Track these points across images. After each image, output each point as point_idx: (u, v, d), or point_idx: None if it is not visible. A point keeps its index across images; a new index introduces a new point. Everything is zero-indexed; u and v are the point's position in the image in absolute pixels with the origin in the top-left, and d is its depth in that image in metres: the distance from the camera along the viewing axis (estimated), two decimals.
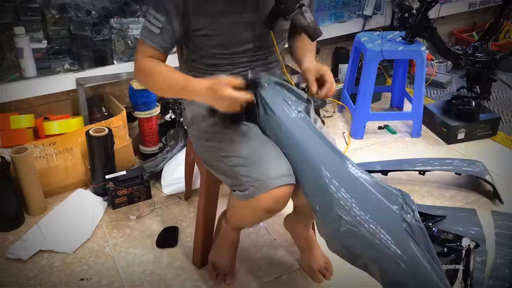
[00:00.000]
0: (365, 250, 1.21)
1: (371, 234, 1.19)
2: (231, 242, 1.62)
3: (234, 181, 1.35)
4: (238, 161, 1.34)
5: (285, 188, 1.29)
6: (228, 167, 1.36)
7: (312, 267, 1.65)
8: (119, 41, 2.27)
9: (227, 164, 1.36)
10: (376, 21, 3.02)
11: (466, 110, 2.51)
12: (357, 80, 2.68)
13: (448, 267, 1.61)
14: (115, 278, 1.66)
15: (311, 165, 1.29)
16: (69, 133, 2.06)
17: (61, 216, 1.93)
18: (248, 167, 1.32)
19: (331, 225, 1.24)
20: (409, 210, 1.25)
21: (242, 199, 1.33)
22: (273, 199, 1.28)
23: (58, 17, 2.15)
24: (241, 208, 1.44)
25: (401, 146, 2.51)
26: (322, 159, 1.29)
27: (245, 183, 1.31)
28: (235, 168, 1.34)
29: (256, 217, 1.44)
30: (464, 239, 1.75)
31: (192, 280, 1.65)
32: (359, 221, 1.20)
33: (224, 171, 1.39)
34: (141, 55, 1.41)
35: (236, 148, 1.36)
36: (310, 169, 1.29)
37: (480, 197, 2.09)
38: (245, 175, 1.31)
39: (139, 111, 2.20)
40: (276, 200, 1.29)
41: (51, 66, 2.20)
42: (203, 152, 1.49)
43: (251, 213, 1.39)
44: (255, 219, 1.49)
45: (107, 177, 1.99)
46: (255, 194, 1.28)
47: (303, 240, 1.65)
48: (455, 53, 2.60)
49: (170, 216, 1.97)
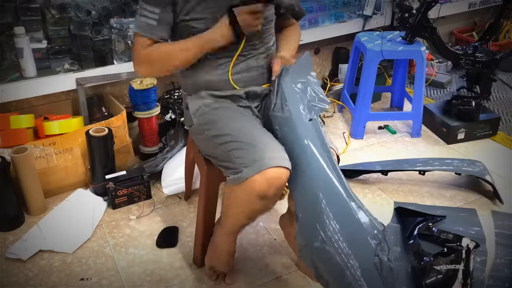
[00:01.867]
0: (331, 271, 1.22)
1: (341, 258, 1.20)
2: (226, 249, 1.58)
3: (230, 164, 1.35)
4: (234, 145, 1.35)
5: (279, 170, 1.27)
6: (225, 153, 1.37)
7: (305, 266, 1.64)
8: (119, 41, 2.27)
9: (223, 150, 1.37)
10: (376, 21, 3.02)
11: (466, 110, 2.51)
12: (357, 80, 2.68)
13: (448, 267, 1.61)
14: (115, 278, 1.66)
15: (307, 175, 1.29)
16: (69, 133, 2.06)
17: (61, 216, 1.93)
18: (244, 149, 1.32)
19: (307, 236, 1.25)
20: (385, 248, 1.24)
21: (236, 183, 1.32)
22: (267, 180, 1.27)
23: (58, 17, 2.15)
24: (234, 197, 1.39)
25: (401, 146, 2.51)
26: (319, 173, 1.29)
27: (240, 165, 1.31)
28: (231, 152, 1.35)
29: (249, 205, 1.36)
30: (464, 239, 1.75)
31: (192, 280, 1.65)
32: (333, 242, 1.21)
33: (221, 157, 1.39)
34: (140, 48, 1.42)
35: (233, 134, 1.37)
36: (305, 179, 1.29)
37: (480, 197, 2.09)
38: (240, 157, 1.31)
39: (139, 111, 2.20)
40: (269, 181, 1.27)
41: (51, 66, 2.20)
42: (204, 145, 1.50)
43: (245, 200, 1.35)
44: (247, 208, 1.38)
45: (107, 177, 1.99)
46: (249, 175, 1.28)
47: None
48: (455, 53, 2.60)
49: (170, 216, 1.97)
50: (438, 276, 1.58)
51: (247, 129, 1.39)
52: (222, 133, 1.40)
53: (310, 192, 1.27)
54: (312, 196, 1.26)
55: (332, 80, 3.06)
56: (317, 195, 1.26)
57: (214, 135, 1.43)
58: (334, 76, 3.10)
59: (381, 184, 2.17)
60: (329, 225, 1.22)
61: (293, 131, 1.35)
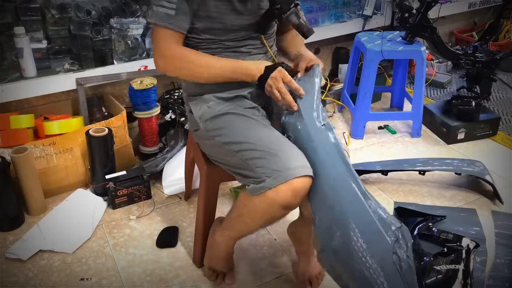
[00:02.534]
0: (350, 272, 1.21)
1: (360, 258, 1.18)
2: (225, 250, 1.57)
3: (250, 173, 1.31)
4: (254, 154, 1.31)
5: (304, 179, 1.25)
6: (243, 161, 1.33)
7: (305, 273, 1.61)
8: (119, 41, 2.27)
9: (241, 158, 1.34)
10: (376, 21, 3.02)
11: (466, 110, 2.51)
12: (357, 80, 2.68)
13: (448, 267, 1.61)
14: (115, 278, 1.66)
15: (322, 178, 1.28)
16: (69, 133, 2.06)
17: (61, 216, 1.93)
18: (265, 159, 1.29)
19: (326, 239, 1.24)
20: (403, 245, 1.23)
21: (258, 192, 1.27)
22: (292, 191, 1.24)
23: (58, 17, 2.15)
24: (252, 206, 1.33)
25: (401, 146, 2.51)
26: (336, 175, 1.27)
27: (262, 175, 1.27)
28: (251, 161, 1.31)
29: (270, 214, 1.33)
30: (464, 239, 1.75)
31: (192, 280, 1.65)
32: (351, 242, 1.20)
33: (238, 165, 1.36)
34: (164, 43, 1.39)
35: (252, 142, 1.34)
36: (321, 182, 1.28)
37: (480, 197, 2.09)
38: (262, 166, 1.28)
39: (139, 111, 2.20)
40: (295, 192, 1.24)
41: (51, 66, 2.20)
42: (213, 151, 1.48)
43: (265, 210, 1.30)
44: (267, 217, 1.35)
45: (107, 177, 1.99)
46: (272, 185, 1.24)
47: (305, 247, 1.62)
48: (455, 53, 2.60)
49: (170, 216, 1.97)
50: (438, 276, 1.58)
51: (265, 137, 1.36)
52: (237, 141, 1.37)
53: (327, 195, 1.26)
54: (329, 198, 1.25)
55: (332, 80, 3.06)
56: (334, 197, 1.25)
57: (226, 141, 1.39)
58: (334, 76, 3.10)
59: (381, 184, 2.18)
60: (347, 225, 1.21)
61: (308, 137, 1.33)
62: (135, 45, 2.32)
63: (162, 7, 1.36)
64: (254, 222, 1.39)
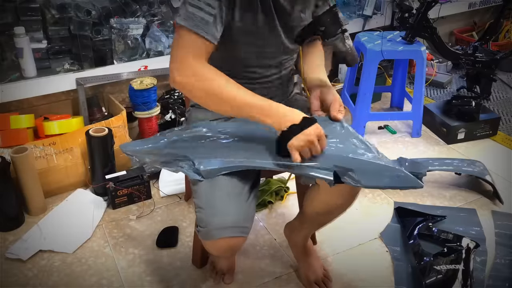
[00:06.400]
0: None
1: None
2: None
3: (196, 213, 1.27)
4: (200, 197, 1.25)
5: (229, 240, 1.18)
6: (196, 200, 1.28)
7: (309, 278, 1.60)
8: (119, 41, 2.27)
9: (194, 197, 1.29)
10: (376, 21, 3.02)
11: (466, 110, 2.51)
12: (357, 80, 2.68)
13: (448, 267, 1.61)
14: (115, 278, 1.66)
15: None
16: (69, 133, 2.06)
17: (61, 216, 1.93)
18: (203, 209, 1.22)
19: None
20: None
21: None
22: (217, 249, 1.22)
23: (58, 17, 2.15)
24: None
25: (401, 146, 2.51)
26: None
27: (198, 224, 1.24)
28: (196, 200, 1.26)
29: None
30: (464, 239, 1.75)
31: (192, 280, 1.65)
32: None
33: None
34: (193, 55, 1.14)
35: (200, 189, 1.25)
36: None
37: (480, 197, 2.09)
38: (198, 217, 1.23)
39: (139, 111, 2.20)
40: (220, 250, 1.22)
41: (51, 66, 2.20)
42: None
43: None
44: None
45: (107, 177, 1.99)
46: (203, 239, 1.22)
47: (301, 250, 1.61)
48: (455, 53, 2.60)
49: (170, 216, 1.97)
50: (438, 276, 1.58)
51: (216, 184, 1.22)
52: (195, 187, 1.28)
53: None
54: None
55: (332, 80, 3.05)
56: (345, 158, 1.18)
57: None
58: (334, 76, 3.10)
59: None
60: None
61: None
62: (135, 45, 2.32)
63: (199, 9, 1.13)
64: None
